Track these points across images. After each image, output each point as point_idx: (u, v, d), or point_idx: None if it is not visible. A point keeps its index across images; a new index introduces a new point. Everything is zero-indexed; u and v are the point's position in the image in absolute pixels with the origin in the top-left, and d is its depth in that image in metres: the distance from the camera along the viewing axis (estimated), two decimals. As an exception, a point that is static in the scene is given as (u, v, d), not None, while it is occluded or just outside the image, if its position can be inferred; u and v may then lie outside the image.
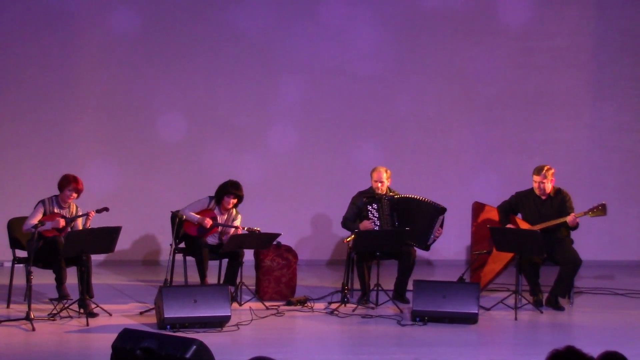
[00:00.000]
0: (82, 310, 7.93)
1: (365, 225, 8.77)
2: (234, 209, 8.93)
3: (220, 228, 8.84)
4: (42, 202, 8.38)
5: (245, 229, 8.70)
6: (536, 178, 8.68)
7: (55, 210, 8.36)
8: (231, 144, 10.83)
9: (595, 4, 11.17)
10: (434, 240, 8.79)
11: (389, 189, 8.95)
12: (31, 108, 10.59)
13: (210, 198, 8.92)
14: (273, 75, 10.88)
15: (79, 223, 8.42)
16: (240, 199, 8.87)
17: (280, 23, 10.86)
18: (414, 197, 8.82)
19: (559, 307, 8.55)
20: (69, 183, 8.33)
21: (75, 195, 8.36)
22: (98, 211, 8.29)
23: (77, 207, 8.49)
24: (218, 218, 8.87)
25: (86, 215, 8.30)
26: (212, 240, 8.89)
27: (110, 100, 10.69)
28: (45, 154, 10.54)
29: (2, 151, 10.60)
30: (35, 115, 10.59)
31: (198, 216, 8.77)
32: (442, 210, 8.68)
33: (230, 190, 8.80)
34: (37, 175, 10.37)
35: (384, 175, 8.89)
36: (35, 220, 8.15)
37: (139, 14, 10.68)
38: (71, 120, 10.63)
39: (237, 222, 8.88)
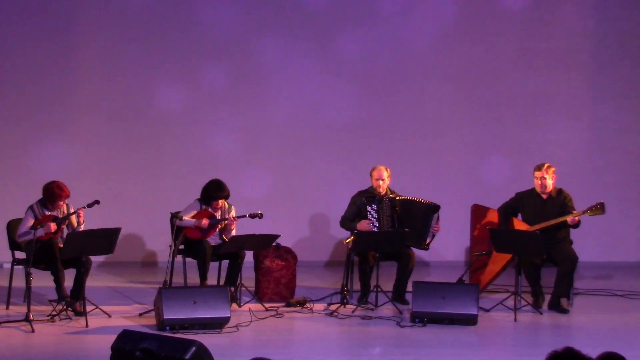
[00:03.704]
0: (69, 309, 7.93)
1: (363, 225, 8.77)
2: (225, 203, 8.92)
3: (221, 224, 8.80)
4: (31, 207, 8.29)
5: (247, 215, 8.72)
6: (537, 174, 8.71)
7: (47, 213, 8.27)
8: (232, 145, 10.82)
9: (594, 4, 11.16)
10: (433, 236, 8.80)
11: (389, 188, 8.95)
12: (32, 110, 10.58)
13: (199, 201, 8.88)
14: (272, 75, 10.88)
15: (73, 220, 8.33)
16: (227, 198, 8.85)
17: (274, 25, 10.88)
18: (411, 199, 8.86)
19: (562, 310, 8.47)
20: (58, 196, 8.18)
21: (66, 201, 8.30)
22: (89, 206, 8.20)
23: (67, 205, 8.39)
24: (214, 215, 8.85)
25: (76, 212, 8.22)
26: (213, 240, 8.87)
27: (110, 104, 10.68)
28: (46, 156, 10.52)
29: (3, 152, 10.59)
30: (35, 118, 10.58)
31: (193, 220, 8.74)
32: (436, 208, 8.74)
33: (216, 195, 8.76)
34: (37, 176, 10.33)
35: (385, 174, 8.88)
36: (28, 226, 8.11)
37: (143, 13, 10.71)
38: (72, 123, 10.62)
39: (232, 214, 8.84)
